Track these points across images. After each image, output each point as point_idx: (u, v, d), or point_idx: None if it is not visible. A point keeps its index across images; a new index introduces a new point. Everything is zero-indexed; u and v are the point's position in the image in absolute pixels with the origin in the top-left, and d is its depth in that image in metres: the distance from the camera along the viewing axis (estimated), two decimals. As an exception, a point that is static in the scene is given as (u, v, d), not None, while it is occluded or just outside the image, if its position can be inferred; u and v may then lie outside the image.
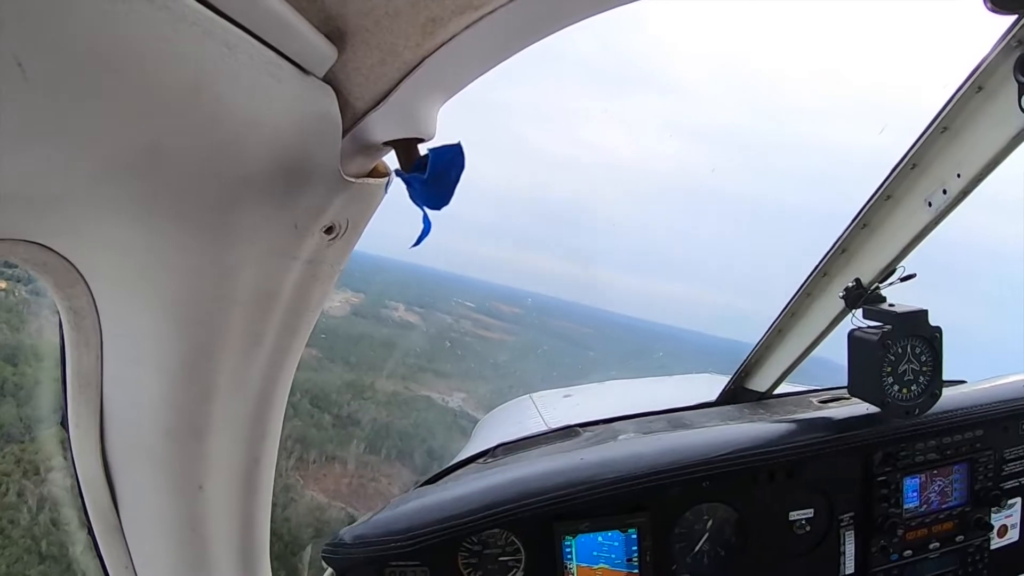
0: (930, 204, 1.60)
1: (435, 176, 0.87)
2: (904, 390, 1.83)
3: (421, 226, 0.96)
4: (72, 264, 0.80)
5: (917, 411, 1.84)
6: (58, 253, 0.78)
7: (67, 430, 0.96)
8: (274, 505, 1.20)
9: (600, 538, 1.74)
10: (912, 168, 1.60)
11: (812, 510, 1.86)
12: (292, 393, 1.12)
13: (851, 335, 1.90)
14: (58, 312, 0.87)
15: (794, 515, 1.85)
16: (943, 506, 1.94)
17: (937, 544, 1.92)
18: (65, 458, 1.00)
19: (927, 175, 1.59)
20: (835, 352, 2.23)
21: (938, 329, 1.85)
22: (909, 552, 1.90)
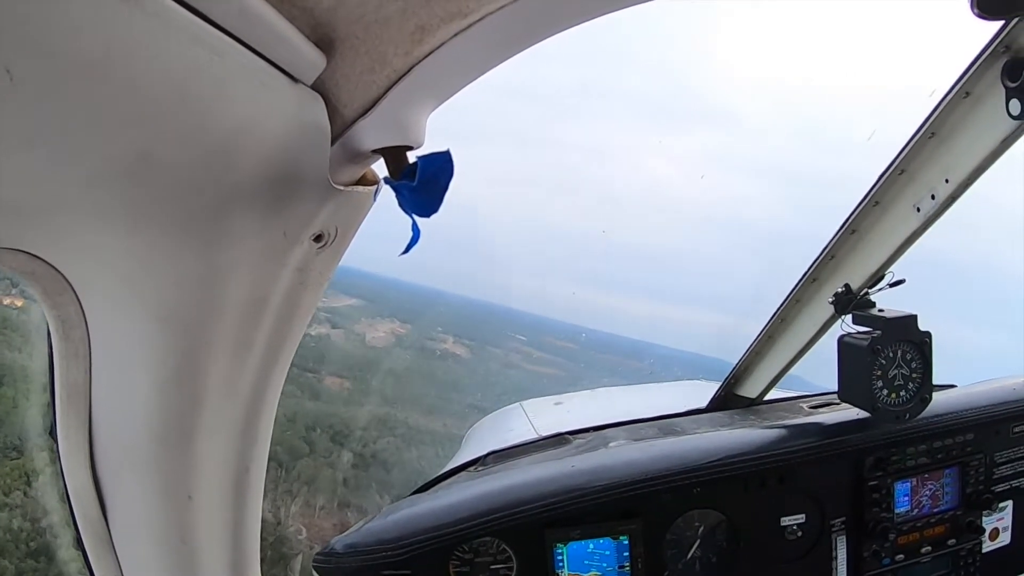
0: (919, 210, 1.61)
1: (424, 183, 0.87)
2: (894, 395, 1.84)
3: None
4: (60, 273, 0.80)
5: (907, 416, 1.85)
6: (46, 262, 0.77)
7: (56, 441, 0.95)
8: (266, 560, 1.17)
9: (591, 546, 1.73)
10: (900, 174, 1.61)
11: (804, 515, 1.87)
12: (312, 428, 1.09)
13: (841, 341, 1.90)
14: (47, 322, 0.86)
15: (786, 520, 1.86)
16: (934, 510, 1.95)
17: (929, 548, 1.93)
18: (54, 468, 0.99)
19: (916, 181, 1.60)
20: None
21: (927, 334, 1.86)
22: (901, 556, 1.91)
